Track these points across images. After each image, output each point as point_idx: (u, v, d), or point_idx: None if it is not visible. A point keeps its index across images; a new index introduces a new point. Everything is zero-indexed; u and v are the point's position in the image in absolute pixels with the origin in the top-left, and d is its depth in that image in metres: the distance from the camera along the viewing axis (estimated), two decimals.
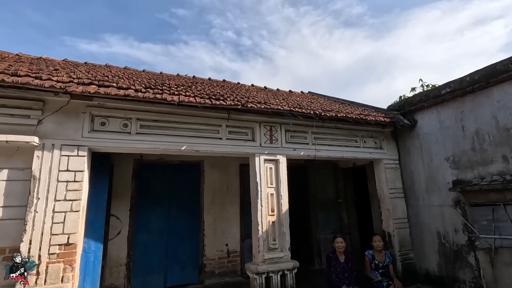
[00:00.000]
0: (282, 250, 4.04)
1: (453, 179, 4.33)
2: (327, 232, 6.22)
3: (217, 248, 5.56)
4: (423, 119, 4.88)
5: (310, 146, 4.59)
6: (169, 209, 5.39)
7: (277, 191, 4.22)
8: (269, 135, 4.33)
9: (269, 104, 3.99)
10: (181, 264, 5.26)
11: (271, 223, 4.07)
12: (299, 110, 4.14)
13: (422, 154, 4.84)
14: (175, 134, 3.79)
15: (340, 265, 4.31)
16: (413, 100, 5.08)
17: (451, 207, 4.34)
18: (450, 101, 4.43)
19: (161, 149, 3.67)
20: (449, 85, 4.46)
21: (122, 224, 5.03)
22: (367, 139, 5.09)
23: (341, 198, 6.43)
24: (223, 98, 3.81)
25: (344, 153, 4.82)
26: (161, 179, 5.46)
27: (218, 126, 4.07)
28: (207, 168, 5.82)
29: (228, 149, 4.04)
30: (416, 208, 4.89)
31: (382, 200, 5.09)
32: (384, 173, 5.06)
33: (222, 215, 5.72)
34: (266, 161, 4.25)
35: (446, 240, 4.41)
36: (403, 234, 4.89)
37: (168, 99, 3.38)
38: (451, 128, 4.41)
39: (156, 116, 3.74)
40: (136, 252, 5.02)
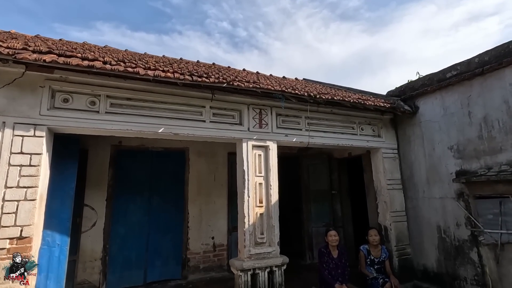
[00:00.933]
0: (270, 244, 3.68)
1: (456, 169, 4.00)
2: (319, 225, 5.90)
3: (202, 242, 5.20)
4: (425, 105, 4.52)
5: (304, 132, 4.20)
6: (150, 199, 4.99)
7: (266, 180, 3.84)
8: (258, 119, 3.92)
9: (258, 84, 3.57)
10: (163, 258, 4.89)
11: (258, 215, 3.70)
12: (291, 91, 3.73)
13: (423, 143, 4.49)
14: (152, 115, 3.36)
15: (333, 261, 3.99)
16: (415, 84, 4.71)
17: (453, 199, 4.02)
18: (456, 85, 4.07)
19: (134, 131, 3.23)
20: (455, 67, 4.10)
21: (97, 215, 4.61)
22: (364, 126, 4.72)
23: (335, 189, 6.10)
24: (207, 76, 3.37)
25: (340, 141, 4.44)
26: (141, 167, 5.03)
27: (201, 108, 3.64)
28: (192, 156, 5.41)
29: (212, 133, 3.62)
30: (415, 200, 4.57)
31: (378, 192, 4.76)
32: (381, 163, 4.72)
33: (208, 206, 5.34)
34: (255, 147, 3.85)
35: (446, 235, 4.11)
36: (401, 228, 4.58)
37: (141, 73, 2.94)
38: (456, 115, 4.06)
39: (130, 94, 3.29)
40: (113, 246, 4.62)
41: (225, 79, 3.40)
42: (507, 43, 3.54)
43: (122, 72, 2.89)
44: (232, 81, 3.40)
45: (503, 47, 3.57)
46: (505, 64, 3.49)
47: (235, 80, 3.48)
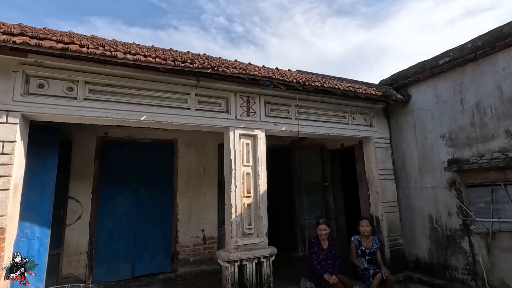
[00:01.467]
0: (258, 235, 3.60)
1: (448, 158, 3.93)
2: (312, 217, 5.81)
3: (192, 234, 5.11)
4: (417, 93, 4.43)
5: (293, 121, 4.09)
6: (138, 191, 4.87)
7: (254, 170, 3.73)
8: (246, 107, 3.81)
9: (244, 70, 3.44)
10: (152, 251, 4.80)
11: (246, 205, 3.60)
12: (280, 78, 3.61)
13: (416, 132, 4.41)
14: (134, 102, 3.23)
15: (323, 252, 3.92)
16: (407, 72, 4.61)
17: (445, 188, 3.95)
18: (449, 72, 3.98)
19: (115, 119, 3.11)
20: (448, 54, 4.00)
21: (83, 208, 4.49)
22: (356, 115, 4.62)
23: (327, 181, 6.02)
24: (191, 61, 3.24)
25: (331, 130, 4.34)
26: (129, 159, 4.91)
27: (186, 95, 3.52)
28: (181, 148, 5.29)
29: (197, 121, 3.50)
30: (407, 190, 4.50)
31: (370, 182, 4.69)
32: (373, 153, 4.63)
33: (198, 198, 5.24)
34: (242, 136, 3.74)
35: (438, 225, 4.05)
36: (393, 219, 4.52)
37: (119, 56, 2.80)
38: (448, 102, 3.97)
39: (110, 80, 3.16)
40: (99, 239, 4.51)
41: (210, 64, 3.27)
42: (501, 26, 3.44)
43: (99, 55, 2.76)
44: (217, 66, 3.28)
45: (496, 31, 3.47)
46: (498, 49, 3.40)
47: (221, 66, 3.35)
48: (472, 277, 3.64)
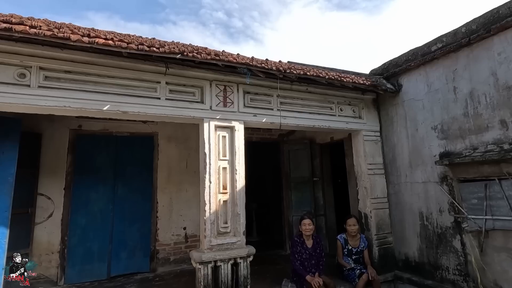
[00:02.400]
0: (235, 234, 3.35)
1: (440, 151, 3.68)
2: (300, 213, 5.53)
3: (173, 232, 4.88)
4: (409, 83, 4.16)
5: (275, 112, 3.82)
6: (115, 187, 4.62)
7: (231, 164, 3.48)
8: (222, 96, 3.54)
9: (218, 56, 3.17)
10: (129, 250, 4.57)
11: (222, 202, 3.35)
12: (257, 65, 3.34)
13: (407, 124, 4.15)
14: (96, 91, 2.96)
15: (307, 251, 3.69)
16: (398, 61, 4.33)
17: (436, 183, 3.71)
18: (441, 59, 3.71)
19: (74, 108, 2.84)
20: (441, 39, 3.72)
21: (54, 205, 4.25)
22: (344, 106, 4.36)
23: (317, 176, 5.77)
24: (159, 46, 2.96)
25: (317, 122, 4.08)
26: (104, 154, 4.65)
27: (156, 83, 3.25)
28: (162, 142, 5.04)
29: (168, 111, 3.24)
30: (397, 186, 4.26)
31: (359, 177, 4.44)
32: (362, 146, 4.38)
33: (180, 195, 5.00)
34: (218, 128, 3.47)
35: (429, 222, 3.82)
36: (382, 216, 4.28)
37: (73, 38, 2.52)
38: (440, 91, 3.71)
39: (69, 66, 2.88)
40: (72, 237, 4.28)
41: (179, 49, 3.00)
42: (497, 8, 3.16)
43: (49, 37, 2.48)
44: (187, 52, 3.00)
45: (492, 13, 3.19)
46: (493, 32, 3.13)
47: (192, 51, 3.07)
48: (463, 278, 3.41)
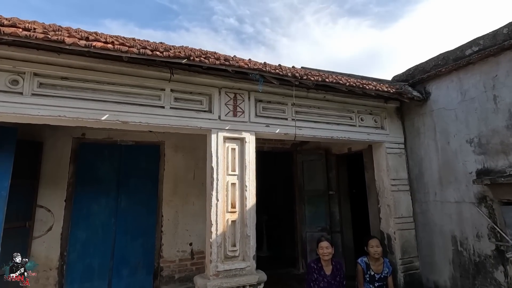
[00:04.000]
0: (244, 259, 3.01)
1: (477, 167, 3.24)
2: (314, 229, 5.20)
3: (178, 248, 4.57)
4: (438, 90, 3.75)
5: (289, 122, 3.49)
6: (118, 200, 4.37)
7: (241, 180, 3.16)
8: (232, 105, 3.24)
9: (228, 61, 2.87)
10: (131, 267, 4.28)
11: (230, 222, 3.02)
12: (271, 71, 3.02)
13: (436, 136, 3.74)
14: (94, 99, 2.71)
15: (325, 279, 3.29)
16: (426, 66, 3.94)
17: (473, 204, 3.27)
18: (478, 64, 3.30)
19: (69, 118, 2.59)
20: (477, 42, 3.32)
21: (54, 217, 4.02)
22: (365, 116, 3.98)
23: (333, 189, 5.37)
24: (163, 50, 2.69)
25: (335, 133, 3.72)
26: (108, 163, 4.42)
27: (160, 91, 2.98)
28: (168, 151, 4.77)
29: (172, 121, 2.95)
30: (425, 204, 3.82)
31: (381, 194, 4.03)
32: (385, 160, 3.98)
33: (186, 208, 4.70)
34: (227, 140, 3.17)
35: (464, 248, 3.37)
36: (407, 237, 3.85)
37: (67, 42, 2.28)
38: (477, 100, 3.29)
39: (66, 72, 2.65)
40: (72, 253, 4.04)
41: (185, 54, 2.72)
42: None
43: (42, 40, 2.24)
44: (194, 56, 2.72)
45: None
46: None
47: (200, 56, 2.79)
48: None
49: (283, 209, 6.65)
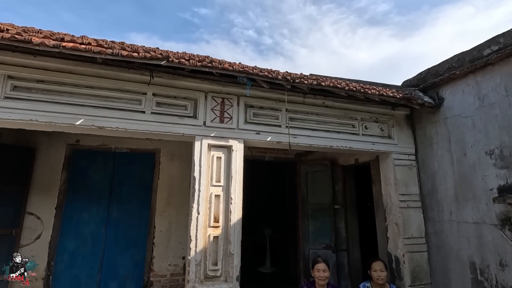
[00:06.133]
0: (226, 279, 2.72)
1: (499, 183, 2.80)
2: (318, 246, 4.81)
3: (170, 262, 4.33)
4: (453, 95, 3.35)
5: (283, 129, 3.21)
6: (110, 209, 4.23)
7: (226, 191, 2.89)
8: (219, 110, 3.01)
9: (211, 62, 2.66)
10: (120, 280, 4.09)
11: (212, 238, 2.75)
12: (259, 73, 2.78)
13: (451, 147, 3.31)
14: (70, 102, 2.58)
15: None
16: (439, 69, 3.55)
17: (495, 227, 2.81)
18: (498, 64, 2.89)
19: (41, 122, 2.46)
20: (497, 40, 2.92)
21: (43, 225, 3.93)
22: (369, 124, 3.63)
23: (338, 203, 4.97)
24: (143, 52, 2.53)
25: (335, 142, 3.39)
26: (101, 171, 4.31)
27: (141, 95, 2.82)
28: (164, 159, 4.61)
29: (152, 127, 2.77)
30: (439, 224, 3.37)
31: (388, 210, 3.62)
32: (392, 172, 3.58)
33: (180, 219, 4.47)
34: (213, 148, 2.93)
35: (484, 277, 2.89)
36: (418, 261, 3.40)
37: (35, 42, 2.16)
38: (498, 106, 2.87)
39: (42, 75, 2.55)
40: (59, 263, 3.91)
41: (162, 54, 2.54)
42: None
43: (8, 40, 2.14)
44: (174, 58, 2.54)
45: None
46: None
47: (181, 57, 2.61)
48: None
49: (288, 222, 6.28)
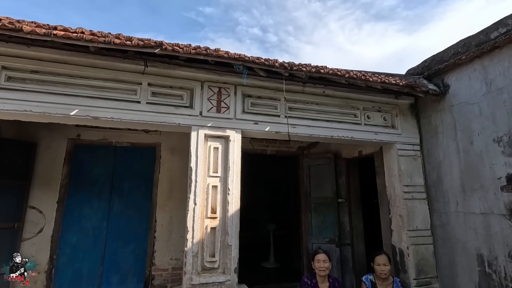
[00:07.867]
0: (224, 271, 2.67)
1: (508, 172, 2.68)
2: (321, 240, 4.73)
3: (172, 256, 4.31)
4: (458, 82, 3.22)
5: (282, 119, 3.14)
6: (111, 203, 4.23)
7: (223, 182, 2.85)
8: (216, 100, 2.96)
9: (205, 50, 2.60)
10: (122, 274, 4.09)
11: (209, 229, 2.71)
12: (255, 60, 2.71)
13: (457, 135, 3.19)
14: (64, 93, 2.57)
15: None
16: (444, 55, 3.42)
17: (503, 217, 2.69)
18: (506, 47, 2.76)
19: (35, 113, 2.45)
20: (505, 22, 2.79)
21: (45, 219, 3.94)
22: (372, 113, 3.53)
23: (342, 197, 4.87)
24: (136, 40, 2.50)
25: (335, 132, 3.31)
26: (103, 165, 4.31)
27: (136, 85, 2.78)
28: (164, 153, 4.59)
29: (148, 117, 2.73)
30: (445, 215, 3.26)
31: (392, 202, 3.52)
32: (396, 163, 3.48)
33: (181, 213, 4.33)
34: (210, 138, 2.89)
35: (492, 269, 2.77)
36: (423, 254, 3.30)
37: (25, 30, 2.14)
38: (506, 90, 2.74)
39: (36, 66, 2.54)
40: (61, 256, 3.92)
41: (156, 43, 2.50)
42: None
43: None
44: (167, 45, 2.49)
45: None
46: None
47: (174, 46, 2.56)
48: None
49: (291, 217, 6.21)
